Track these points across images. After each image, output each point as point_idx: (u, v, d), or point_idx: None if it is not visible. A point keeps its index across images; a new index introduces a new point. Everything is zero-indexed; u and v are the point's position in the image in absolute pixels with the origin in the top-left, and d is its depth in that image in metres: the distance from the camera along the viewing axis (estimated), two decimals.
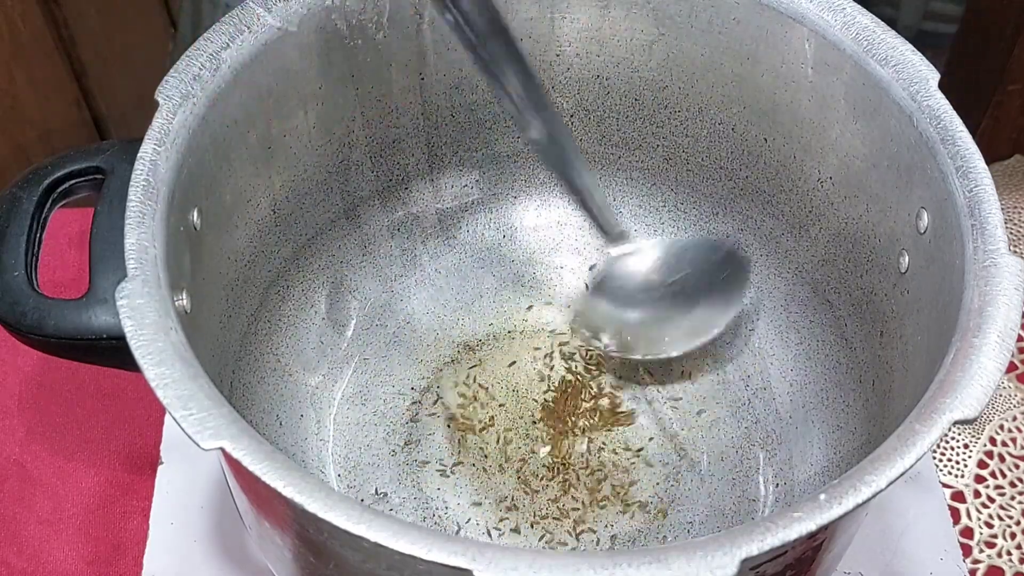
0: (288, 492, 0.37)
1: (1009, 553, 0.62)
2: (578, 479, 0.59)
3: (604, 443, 0.61)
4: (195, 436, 0.38)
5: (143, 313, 0.41)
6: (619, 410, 0.62)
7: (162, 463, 0.62)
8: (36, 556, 0.60)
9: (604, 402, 0.62)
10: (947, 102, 0.49)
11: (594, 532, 0.58)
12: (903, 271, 0.52)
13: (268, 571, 0.56)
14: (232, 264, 0.55)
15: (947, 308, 0.45)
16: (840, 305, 0.59)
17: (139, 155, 0.46)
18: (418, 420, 0.62)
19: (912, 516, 0.61)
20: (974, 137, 0.48)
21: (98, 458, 0.63)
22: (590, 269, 0.67)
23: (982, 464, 0.65)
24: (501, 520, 0.58)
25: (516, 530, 0.58)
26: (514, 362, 0.64)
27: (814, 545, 0.43)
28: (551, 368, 0.64)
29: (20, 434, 0.64)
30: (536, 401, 0.62)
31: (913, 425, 0.40)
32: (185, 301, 0.46)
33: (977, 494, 0.64)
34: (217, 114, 0.50)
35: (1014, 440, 0.66)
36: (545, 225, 0.68)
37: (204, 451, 0.38)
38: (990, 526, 0.63)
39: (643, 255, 0.61)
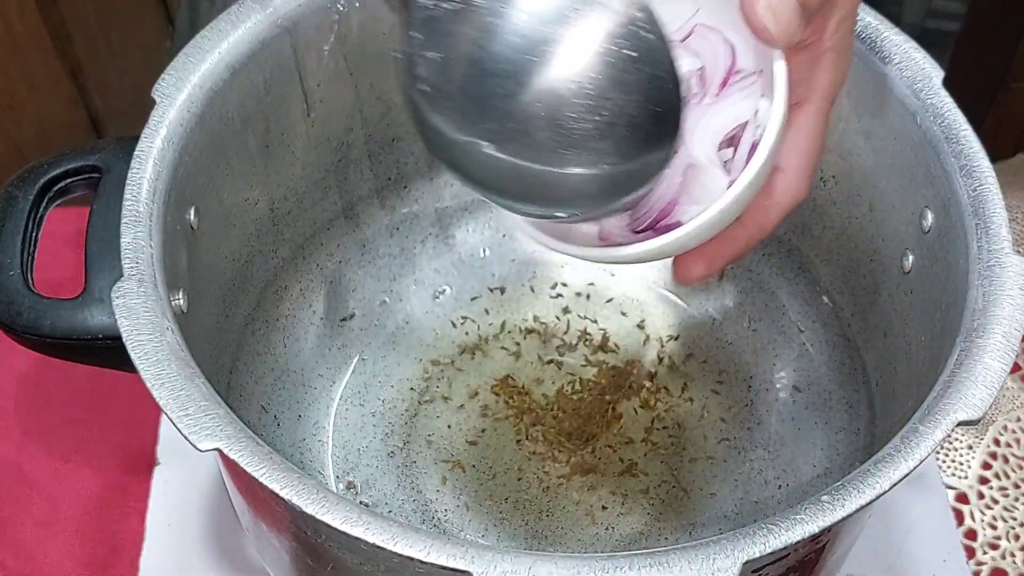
0: (286, 494, 0.37)
1: (1013, 555, 0.62)
2: (575, 480, 0.59)
3: (605, 444, 0.60)
4: (191, 437, 0.38)
5: (139, 313, 0.41)
6: (619, 413, 0.62)
7: (159, 464, 0.62)
8: (32, 558, 0.59)
9: (603, 405, 0.62)
10: (951, 100, 0.48)
11: (608, 529, 0.57)
12: (907, 271, 0.51)
13: (265, 573, 0.56)
14: (229, 263, 0.55)
15: (951, 308, 0.45)
16: (843, 305, 0.58)
17: (136, 153, 0.46)
18: (417, 421, 0.61)
19: (915, 518, 0.60)
20: (978, 135, 0.47)
21: (94, 460, 0.63)
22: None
23: (986, 465, 0.65)
24: (499, 520, 0.58)
25: (518, 525, 0.58)
26: (514, 362, 0.64)
27: (817, 547, 0.43)
28: (552, 368, 0.63)
29: (16, 436, 0.64)
30: (537, 401, 0.62)
31: (917, 426, 0.40)
32: (182, 301, 0.46)
33: (981, 495, 0.64)
34: (214, 112, 0.49)
35: (1018, 441, 0.66)
36: None
37: (201, 452, 0.38)
38: (994, 528, 0.63)
39: None
